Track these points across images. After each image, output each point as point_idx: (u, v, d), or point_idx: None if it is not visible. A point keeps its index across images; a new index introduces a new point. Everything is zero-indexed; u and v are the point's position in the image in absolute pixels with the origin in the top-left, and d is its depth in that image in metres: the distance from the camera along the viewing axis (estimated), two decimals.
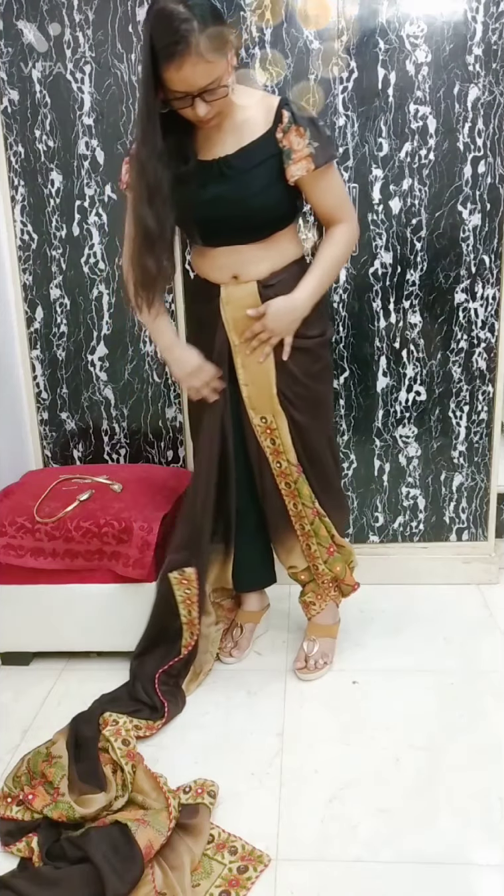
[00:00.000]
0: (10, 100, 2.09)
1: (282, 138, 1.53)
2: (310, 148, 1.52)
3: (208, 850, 1.39)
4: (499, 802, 1.49)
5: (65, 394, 2.30)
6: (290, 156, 1.53)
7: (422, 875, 1.34)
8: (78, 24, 2.02)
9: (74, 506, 1.90)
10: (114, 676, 1.91)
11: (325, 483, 1.81)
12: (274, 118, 1.53)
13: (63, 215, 2.16)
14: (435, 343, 2.19)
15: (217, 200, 1.56)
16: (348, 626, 2.06)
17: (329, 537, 1.83)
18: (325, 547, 1.83)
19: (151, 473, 2.15)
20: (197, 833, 1.40)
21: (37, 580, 1.91)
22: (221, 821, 1.47)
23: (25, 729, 1.76)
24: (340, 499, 1.92)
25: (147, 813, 1.41)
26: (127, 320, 2.22)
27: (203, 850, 1.38)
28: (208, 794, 1.48)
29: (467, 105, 2.01)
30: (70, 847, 1.36)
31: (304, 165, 1.53)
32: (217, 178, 1.56)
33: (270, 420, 1.72)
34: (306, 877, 1.34)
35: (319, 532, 1.81)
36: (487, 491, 2.30)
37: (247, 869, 1.35)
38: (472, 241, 2.10)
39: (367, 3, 1.95)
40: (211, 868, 1.36)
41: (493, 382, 2.21)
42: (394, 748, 1.64)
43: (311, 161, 1.53)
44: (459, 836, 1.41)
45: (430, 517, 2.33)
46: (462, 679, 1.87)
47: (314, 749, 1.65)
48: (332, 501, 1.84)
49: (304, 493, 1.77)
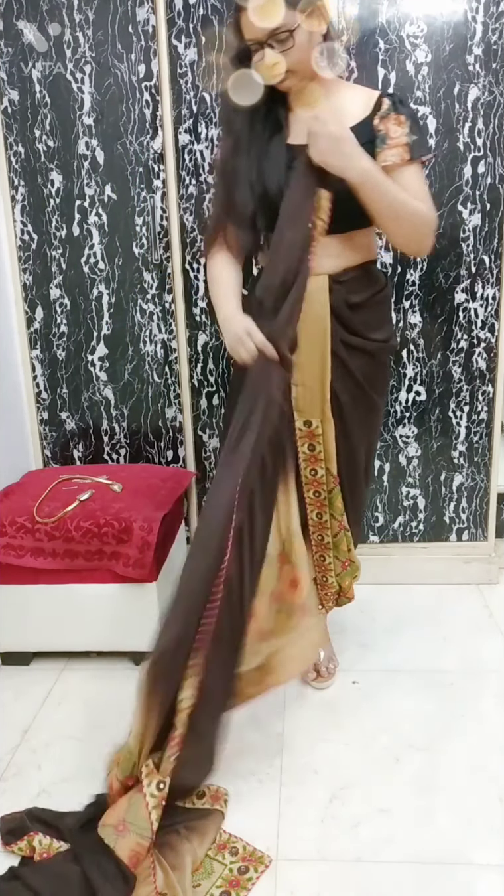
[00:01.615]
0: (10, 100, 2.09)
1: (378, 124, 1.46)
2: (408, 138, 1.45)
3: (209, 851, 1.39)
4: (499, 802, 1.49)
5: (65, 394, 2.30)
6: (384, 140, 1.45)
7: (422, 875, 1.34)
8: (78, 24, 2.02)
9: (74, 506, 1.90)
10: (114, 676, 1.92)
11: (357, 498, 1.73)
12: (373, 106, 1.48)
13: (63, 215, 2.16)
14: (435, 343, 2.19)
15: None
16: (348, 626, 2.07)
17: (347, 552, 1.75)
18: (342, 561, 1.76)
19: (151, 473, 2.15)
20: (202, 834, 1.40)
21: (37, 580, 1.91)
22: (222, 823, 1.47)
23: (25, 729, 1.76)
24: (362, 516, 1.86)
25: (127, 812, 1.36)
26: (127, 320, 2.22)
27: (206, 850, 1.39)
28: (223, 802, 1.49)
29: (467, 105, 2.01)
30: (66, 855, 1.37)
31: (399, 153, 1.45)
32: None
33: (316, 425, 1.60)
34: (306, 877, 1.34)
35: (340, 545, 1.73)
36: (487, 491, 2.30)
37: (247, 870, 1.35)
38: (472, 241, 2.10)
39: (367, 3, 1.95)
40: (212, 868, 1.36)
41: (493, 382, 2.21)
42: (394, 748, 1.64)
43: (408, 151, 1.45)
44: (459, 836, 1.41)
45: (430, 517, 2.33)
46: (462, 679, 1.87)
47: (314, 749, 1.65)
48: (357, 516, 1.77)
49: (335, 505, 1.68)
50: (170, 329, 2.22)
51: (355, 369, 1.59)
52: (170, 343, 2.23)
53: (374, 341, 1.61)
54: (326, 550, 1.74)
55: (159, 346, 2.24)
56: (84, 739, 1.72)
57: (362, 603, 2.09)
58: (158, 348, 2.24)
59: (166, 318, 2.21)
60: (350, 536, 1.74)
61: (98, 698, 1.85)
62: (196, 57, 2.01)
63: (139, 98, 2.05)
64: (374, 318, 1.62)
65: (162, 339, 2.23)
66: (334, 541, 1.72)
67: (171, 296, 2.18)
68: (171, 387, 2.27)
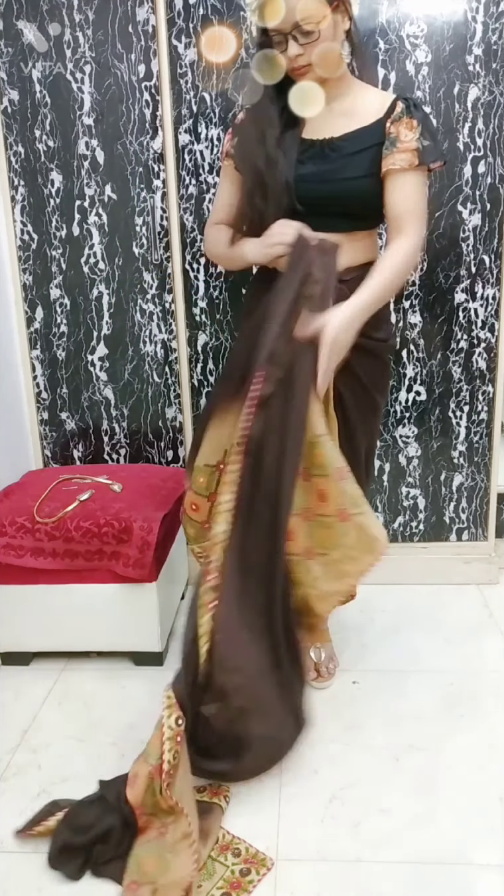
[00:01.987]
0: (10, 100, 2.09)
1: (390, 126, 1.47)
2: (418, 143, 1.45)
3: (212, 852, 1.39)
4: (499, 802, 1.49)
5: (65, 394, 2.30)
6: (395, 143, 1.46)
7: (422, 875, 1.34)
8: (78, 24, 2.02)
9: (74, 506, 1.90)
10: (114, 676, 1.92)
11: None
12: (388, 108, 1.48)
13: (63, 215, 2.16)
14: (435, 343, 2.19)
15: (312, 177, 1.51)
16: (348, 626, 2.07)
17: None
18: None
19: (151, 473, 2.15)
20: (205, 835, 1.40)
21: (37, 580, 1.91)
22: (222, 821, 1.47)
23: (25, 729, 1.76)
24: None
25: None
26: (127, 320, 2.22)
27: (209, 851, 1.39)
28: (223, 799, 1.49)
29: (467, 105, 2.01)
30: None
31: (408, 158, 1.45)
32: (318, 158, 1.51)
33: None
34: (306, 877, 1.34)
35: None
36: (487, 491, 2.30)
37: (249, 872, 1.35)
38: (472, 241, 2.10)
39: (367, 3, 1.95)
40: (214, 869, 1.36)
41: (493, 382, 2.21)
42: (394, 748, 1.64)
43: (416, 156, 1.45)
44: (459, 836, 1.41)
45: (430, 517, 2.33)
46: (462, 679, 1.87)
47: (314, 749, 1.65)
48: None
49: None
50: (170, 329, 2.22)
51: (359, 369, 1.60)
52: (170, 343, 2.23)
53: (376, 340, 1.62)
54: None
55: (159, 346, 2.24)
56: (84, 739, 1.72)
57: (362, 603, 2.09)
58: (158, 348, 2.24)
59: (166, 318, 2.21)
60: None
61: (98, 698, 1.85)
62: (196, 57, 2.01)
63: (139, 98, 2.05)
64: (376, 316, 1.61)
65: (162, 339, 2.23)
66: None
67: (171, 296, 2.18)
68: (171, 387, 2.27)
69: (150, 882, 1.29)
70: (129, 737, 1.70)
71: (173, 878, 1.28)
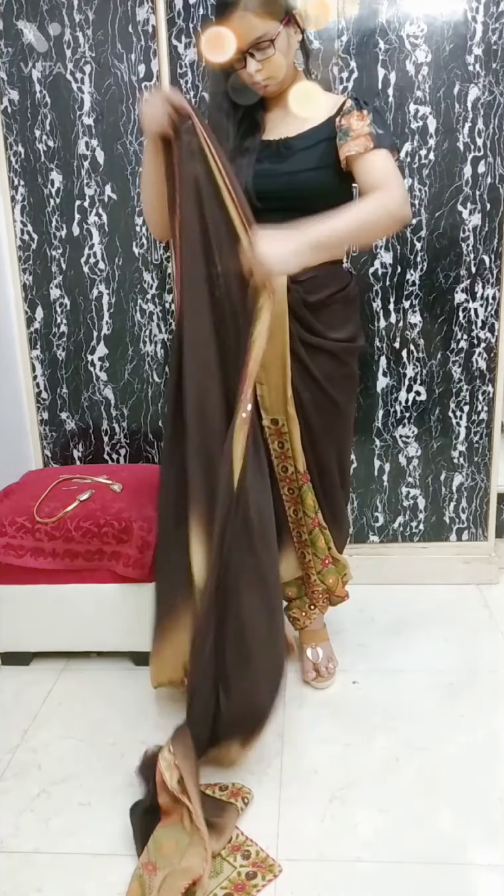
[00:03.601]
0: (10, 100, 2.09)
1: (340, 120, 1.52)
2: (371, 128, 1.49)
3: (223, 850, 1.39)
4: (499, 802, 1.49)
5: (65, 394, 2.30)
6: (347, 133, 1.50)
7: (422, 875, 1.34)
8: (78, 24, 2.02)
9: (74, 506, 1.90)
10: (114, 676, 1.91)
11: (332, 500, 1.75)
12: (339, 107, 1.54)
13: (63, 215, 2.16)
14: (435, 343, 2.19)
15: (266, 173, 1.56)
16: (348, 626, 2.07)
17: (326, 549, 1.78)
18: (321, 559, 1.79)
19: (151, 473, 2.15)
20: (219, 832, 1.40)
21: (37, 580, 1.91)
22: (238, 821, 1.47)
23: (25, 729, 1.76)
24: (342, 520, 1.84)
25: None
26: (127, 320, 2.22)
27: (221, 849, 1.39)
28: (242, 800, 1.49)
29: (467, 105, 2.01)
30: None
31: (363, 143, 1.48)
32: (274, 156, 1.57)
33: (282, 423, 1.65)
34: (306, 877, 1.34)
35: (317, 543, 1.76)
36: (487, 491, 2.30)
37: (255, 875, 1.35)
38: (472, 241, 2.10)
39: (367, 3, 1.95)
40: (221, 868, 1.36)
41: (493, 382, 2.21)
42: (394, 748, 1.64)
43: (371, 139, 1.48)
44: (459, 836, 1.41)
45: (430, 517, 2.33)
46: (462, 679, 1.87)
47: (314, 749, 1.65)
48: (334, 517, 1.78)
49: (307, 503, 1.71)
50: (170, 329, 2.22)
51: (314, 368, 1.63)
52: (170, 343, 2.23)
53: (334, 341, 1.64)
54: (305, 547, 1.78)
55: (159, 346, 2.24)
56: (84, 739, 1.72)
57: (362, 603, 2.09)
58: (158, 348, 2.24)
59: (166, 318, 2.21)
60: (328, 535, 1.77)
61: (98, 698, 1.85)
62: (196, 57, 2.01)
63: (139, 98, 2.05)
64: (335, 317, 1.64)
65: (162, 339, 2.23)
66: (310, 538, 1.76)
67: (171, 296, 2.18)
68: None
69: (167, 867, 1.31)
70: (129, 737, 1.70)
71: (185, 866, 1.30)
